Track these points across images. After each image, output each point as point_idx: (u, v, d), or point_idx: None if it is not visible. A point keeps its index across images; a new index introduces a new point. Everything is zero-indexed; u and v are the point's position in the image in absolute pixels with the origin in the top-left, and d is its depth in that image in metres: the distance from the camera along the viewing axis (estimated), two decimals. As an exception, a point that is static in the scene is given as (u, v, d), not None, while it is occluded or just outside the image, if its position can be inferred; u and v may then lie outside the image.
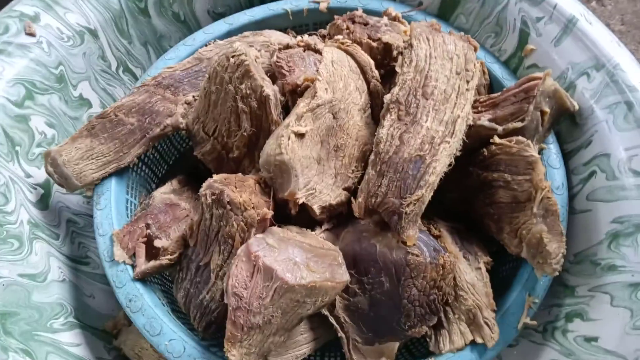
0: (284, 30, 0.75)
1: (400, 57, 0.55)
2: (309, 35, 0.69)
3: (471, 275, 0.52)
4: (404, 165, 0.49)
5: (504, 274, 0.58)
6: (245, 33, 0.71)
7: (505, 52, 0.68)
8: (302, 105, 0.54)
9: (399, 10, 0.72)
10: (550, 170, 0.58)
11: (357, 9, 0.70)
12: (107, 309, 0.66)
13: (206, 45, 0.71)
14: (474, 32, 0.71)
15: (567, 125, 0.60)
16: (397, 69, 0.54)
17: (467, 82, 0.54)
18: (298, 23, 0.76)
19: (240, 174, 0.56)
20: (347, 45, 0.60)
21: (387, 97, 0.52)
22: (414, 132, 0.50)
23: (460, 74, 0.54)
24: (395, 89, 0.53)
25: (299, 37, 0.65)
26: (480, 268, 0.53)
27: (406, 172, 0.48)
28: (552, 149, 0.59)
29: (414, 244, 0.48)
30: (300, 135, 0.52)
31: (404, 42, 0.61)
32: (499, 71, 0.67)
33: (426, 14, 0.73)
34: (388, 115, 0.52)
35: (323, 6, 0.74)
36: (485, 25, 0.69)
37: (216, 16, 0.80)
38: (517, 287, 0.53)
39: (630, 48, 1.08)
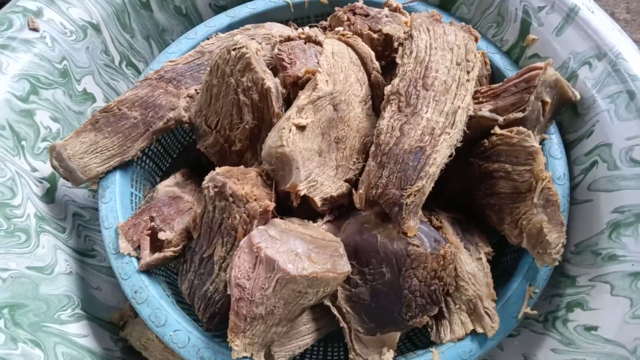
0: (285, 22, 0.75)
1: (400, 48, 0.55)
2: (310, 27, 0.69)
3: (472, 265, 0.52)
4: (405, 156, 0.49)
5: (505, 265, 0.58)
6: (247, 26, 0.71)
7: (507, 42, 0.68)
8: (303, 98, 0.54)
9: (400, 1, 0.71)
10: (552, 161, 0.58)
11: (358, 0, 0.70)
12: (114, 301, 0.67)
13: (208, 39, 0.71)
14: (475, 22, 0.71)
15: (569, 115, 0.60)
16: (398, 60, 0.54)
17: (468, 72, 0.54)
18: (299, 15, 0.76)
19: (242, 166, 0.57)
20: (348, 37, 0.60)
21: (387, 89, 0.52)
22: (414, 124, 0.50)
23: (460, 64, 0.54)
24: (396, 80, 0.53)
25: (300, 29, 0.65)
26: (481, 258, 0.53)
27: (406, 163, 0.49)
28: (554, 139, 0.59)
29: (415, 235, 0.49)
30: (302, 128, 0.53)
31: (404, 33, 0.61)
32: (500, 61, 0.67)
33: (427, 5, 0.73)
34: (388, 107, 0.52)
35: (324, -2, 0.74)
36: (486, 16, 0.69)
37: (218, 9, 0.80)
38: (518, 277, 0.54)
39: (635, 37, 1.07)
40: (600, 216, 0.54)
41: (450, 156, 0.51)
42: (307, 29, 0.66)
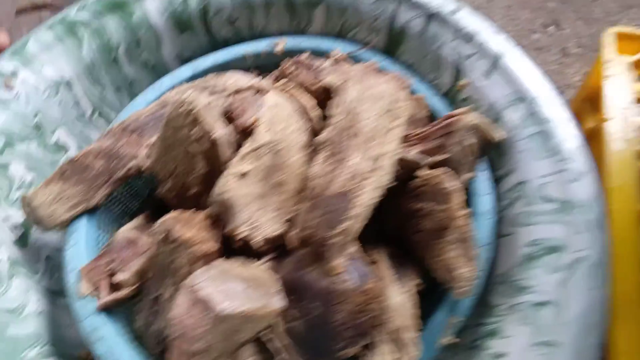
0: (247, 69, 0.81)
1: (332, 99, 0.60)
2: (263, 77, 0.75)
3: (399, 298, 0.56)
4: (332, 199, 0.54)
5: (438, 295, 0.62)
6: (208, 76, 0.77)
7: (444, 86, 0.73)
8: (245, 147, 0.59)
9: (349, 49, 0.77)
10: (480, 197, 0.62)
11: (310, 51, 0.76)
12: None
13: (172, 90, 0.77)
14: (417, 67, 0.76)
15: (497, 153, 0.65)
16: (329, 110, 0.59)
17: (396, 119, 0.59)
18: (259, 64, 0.82)
19: (193, 210, 0.62)
20: (289, 89, 0.65)
21: (318, 138, 0.57)
22: (342, 169, 0.55)
23: (389, 112, 0.59)
24: (327, 129, 0.58)
25: (251, 81, 0.71)
26: (409, 291, 0.57)
27: (333, 206, 0.53)
28: (483, 176, 0.63)
29: (341, 272, 0.53)
30: (243, 175, 0.58)
31: (337, 84, 0.66)
32: (438, 104, 0.71)
33: (374, 51, 0.79)
34: (319, 155, 0.57)
35: (279, 49, 0.80)
36: (425, 61, 0.75)
37: (184, 61, 0.86)
38: (443, 307, 0.57)
39: (585, 70, 1.12)
40: (517, 249, 0.58)
41: (381, 197, 0.55)
42: (258, 79, 0.72)
